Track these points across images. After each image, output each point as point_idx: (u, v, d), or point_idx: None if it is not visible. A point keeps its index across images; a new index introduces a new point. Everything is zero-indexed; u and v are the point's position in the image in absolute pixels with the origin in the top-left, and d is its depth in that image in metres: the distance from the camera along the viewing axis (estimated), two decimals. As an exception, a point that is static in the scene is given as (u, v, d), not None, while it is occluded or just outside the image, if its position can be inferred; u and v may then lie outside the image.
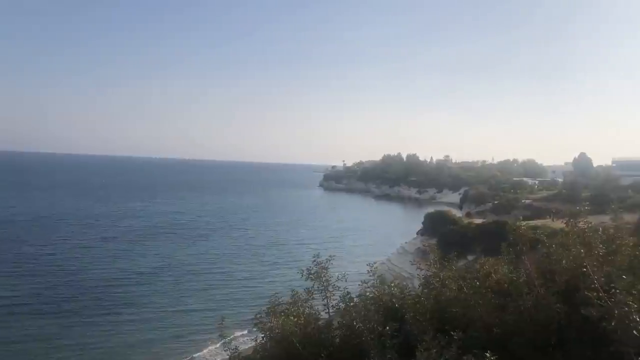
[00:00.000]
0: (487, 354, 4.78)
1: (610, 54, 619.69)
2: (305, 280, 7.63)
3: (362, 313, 6.43)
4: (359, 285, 7.74)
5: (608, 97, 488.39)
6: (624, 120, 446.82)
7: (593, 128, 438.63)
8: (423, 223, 55.45)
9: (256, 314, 7.56)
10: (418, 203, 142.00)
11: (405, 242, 56.09)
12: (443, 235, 46.64)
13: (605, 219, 44.38)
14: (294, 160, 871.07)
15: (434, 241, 51.71)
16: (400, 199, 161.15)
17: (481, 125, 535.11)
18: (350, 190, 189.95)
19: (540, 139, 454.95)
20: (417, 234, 56.37)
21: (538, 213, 66.40)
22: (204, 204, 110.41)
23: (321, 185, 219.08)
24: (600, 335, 5.19)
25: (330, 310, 7.45)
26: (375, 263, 7.93)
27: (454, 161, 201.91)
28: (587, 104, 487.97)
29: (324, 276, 7.46)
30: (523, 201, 79.60)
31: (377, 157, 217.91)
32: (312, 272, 7.56)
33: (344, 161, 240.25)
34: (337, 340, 6.53)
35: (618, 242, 6.86)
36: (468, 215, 72.84)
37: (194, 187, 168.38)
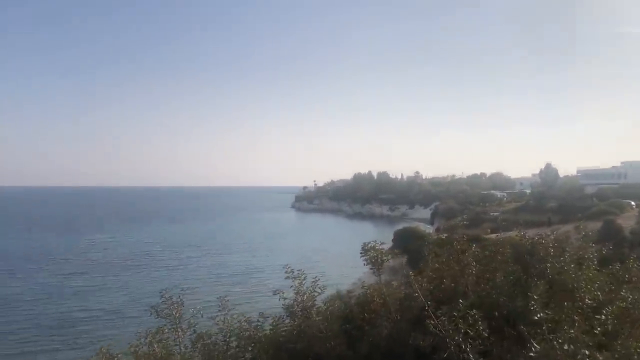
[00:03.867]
0: None
1: (575, 66, 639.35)
2: (156, 318, 7.19)
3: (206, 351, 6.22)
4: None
5: (573, 109, 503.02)
6: (588, 131, 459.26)
7: (558, 139, 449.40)
8: (393, 240, 55.19)
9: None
10: (390, 220, 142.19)
11: (376, 261, 55.60)
12: (412, 251, 46.33)
13: (570, 228, 45.11)
14: (266, 183, 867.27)
15: (404, 258, 51.48)
16: (372, 217, 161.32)
17: (450, 141, 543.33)
18: (322, 210, 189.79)
19: (508, 151, 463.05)
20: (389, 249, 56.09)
21: (506, 225, 67.14)
22: (169, 233, 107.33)
23: (293, 206, 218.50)
24: None
25: (185, 350, 7.13)
26: (226, 296, 7.59)
27: (424, 177, 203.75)
28: (553, 115, 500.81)
29: (177, 312, 7.11)
30: (492, 214, 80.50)
31: (349, 176, 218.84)
32: (159, 309, 7.26)
33: (315, 181, 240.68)
34: None
35: (499, 258, 6.69)
36: (438, 230, 73.12)
37: (157, 215, 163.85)
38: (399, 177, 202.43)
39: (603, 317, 5.54)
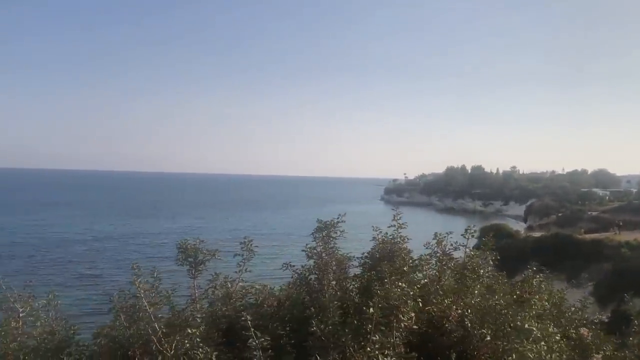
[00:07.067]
0: None
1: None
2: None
3: None
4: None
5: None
6: None
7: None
8: (478, 237, 54.57)
9: None
10: (483, 216, 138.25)
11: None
12: (498, 249, 45.72)
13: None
14: (356, 174, 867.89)
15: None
16: (464, 212, 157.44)
17: (550, 135, 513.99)
18: (412, 204, 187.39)
19: (615, 146, 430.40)
20: (473, 248, 55.54)
21: (604, 225, 63.70)
22: (267, 220, 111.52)
23: (382, 199, 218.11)
24: None
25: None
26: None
27: (521, 172, 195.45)
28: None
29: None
30: (590, 213, 76.51)
31: (441, 169, 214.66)
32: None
33: (405, 174, 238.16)
34: None
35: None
36: (530, 228, 71.01)
37: (256, 203, 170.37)
38: (494, 171, 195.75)
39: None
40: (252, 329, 4.52)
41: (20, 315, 6.01)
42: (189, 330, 4.84)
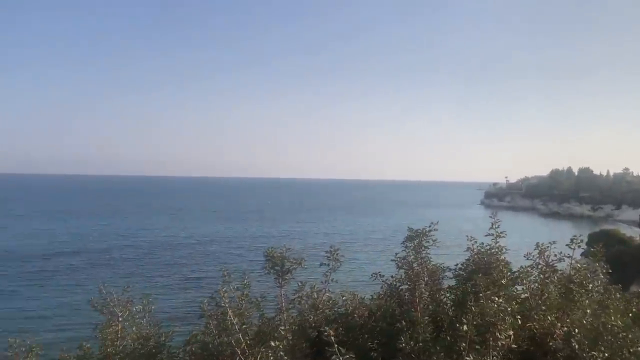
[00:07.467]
0: None
1: None
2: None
3: None
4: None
5: None
6: None
7: None
8: (587, 244, 50.94)
9: None
10: (592, 221, 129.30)
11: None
12: (608, 257, 42.36)
13: None
14: (456, 178, 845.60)
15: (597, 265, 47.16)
16: (571, 217, 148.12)
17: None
18: (514, 208, 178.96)
19: None
20: (580, 256, 51.97)
21: None
22: (361, 224, 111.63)
23: (482, 203, 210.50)
24: None
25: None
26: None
27: (634, 174, 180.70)
28: None
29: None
30: None
31: (544, 172, 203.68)
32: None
33: (506, 177, 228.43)
34: None
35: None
36: (646, 235, 65.21)
37: (346, 207, 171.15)
38: (604, 173, 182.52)
39: None
40: (336, 345, 4.28)
41: (120, 319, 6.27)
42: (273, 343, 4.80)
